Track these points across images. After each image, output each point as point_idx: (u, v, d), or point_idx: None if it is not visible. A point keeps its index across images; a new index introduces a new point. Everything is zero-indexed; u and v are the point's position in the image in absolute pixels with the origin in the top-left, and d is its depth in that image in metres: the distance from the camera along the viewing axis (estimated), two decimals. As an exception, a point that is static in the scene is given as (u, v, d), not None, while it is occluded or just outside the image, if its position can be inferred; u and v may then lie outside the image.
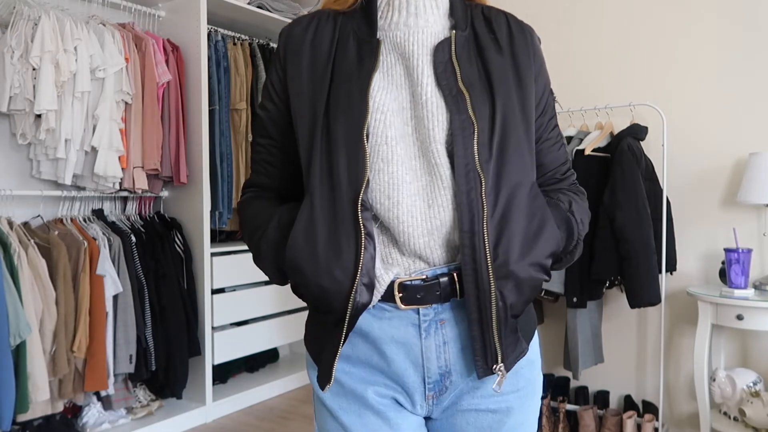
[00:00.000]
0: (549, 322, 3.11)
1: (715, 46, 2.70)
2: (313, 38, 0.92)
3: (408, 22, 0.92)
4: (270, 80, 0.97)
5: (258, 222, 0.94)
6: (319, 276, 0.83)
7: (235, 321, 3.29)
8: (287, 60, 0.93)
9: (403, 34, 0.91)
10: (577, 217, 0.96)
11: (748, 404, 2.35)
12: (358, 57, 0.89)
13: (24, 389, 2.31)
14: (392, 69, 0.90)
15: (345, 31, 0.92)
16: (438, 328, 0.88)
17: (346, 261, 0.82)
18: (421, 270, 0.87)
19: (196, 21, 3.06)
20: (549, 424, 2.80)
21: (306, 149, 0.88)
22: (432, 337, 0.88)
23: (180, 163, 2.99)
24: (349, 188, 0.83)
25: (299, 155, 0.91)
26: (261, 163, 1.00)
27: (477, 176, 0.84)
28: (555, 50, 3.12)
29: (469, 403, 0.91)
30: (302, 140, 0.89)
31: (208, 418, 3.11)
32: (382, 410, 0.89)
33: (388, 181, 0.85)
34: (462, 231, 0.83)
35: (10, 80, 2.48)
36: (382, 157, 0.85)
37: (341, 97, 0.86)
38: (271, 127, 0.97)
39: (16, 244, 2.40)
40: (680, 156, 2.74)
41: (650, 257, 2.43)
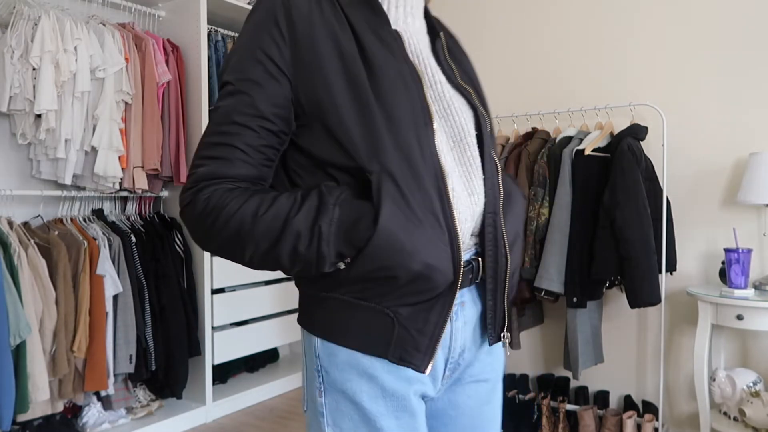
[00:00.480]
0: (549, 322, 3.11)
1: (715, 46, 2.70)
2: (321, 13, 0.87)
3: (407, 21, 0.95)
4: (265, 52, 0.84)
5: (289, 209, 0.81)
6: (427, 255, 0.81)
7: (235, 321, 3.29)
8: (297, 31, 0.85)
9: (404, 32, 0.94)
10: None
11: (748, 404, 2.35)
12: (386, 46, 0.88)
13: (24, 389, 2.31)
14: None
15: (355, 17, 0.89)
16: (460, 310, 0.91)
17: (446, 240, 0.83)
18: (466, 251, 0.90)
19: (196, 21, 3.06)
20: (549, 424, 2.80)
21: (357, 126, 0.83)
22: (458, 319, 0.91)
23: (180, 163, 2.99)
24: (431, 175, 0.84)
25: (293, 140, 0.88)
26: (243, 149, 0.84)
27: (495, 164, 0.94)
28: (555, 50, 3.12)
29: (470, 374, 0.95)
30: (340, 116, 0.83)
31: (208, 418, 3.11)
32: (417, 410, 0.87)
33: (450, 173, 0.88)
34: (487, 213, 0.90)
35: (10, 80, 2.48)
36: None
37: (394, 85, 0.85)
38: (267, 105, 0.84)
39: (16, 244, 2.40)
40: (680, 156, 2.74)
41: (650, 257, 2.43)
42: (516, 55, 3.25)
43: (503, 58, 3.29)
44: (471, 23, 3.40)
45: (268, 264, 0.83)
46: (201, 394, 3.09)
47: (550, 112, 2.98)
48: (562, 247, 2.55)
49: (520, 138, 2.93)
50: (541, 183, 2.66)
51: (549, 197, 2.64)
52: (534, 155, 2.74)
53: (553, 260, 2.55)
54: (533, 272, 2.61)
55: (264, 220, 0.80)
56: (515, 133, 3.01)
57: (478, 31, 3.38)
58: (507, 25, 3.28)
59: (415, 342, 0.83)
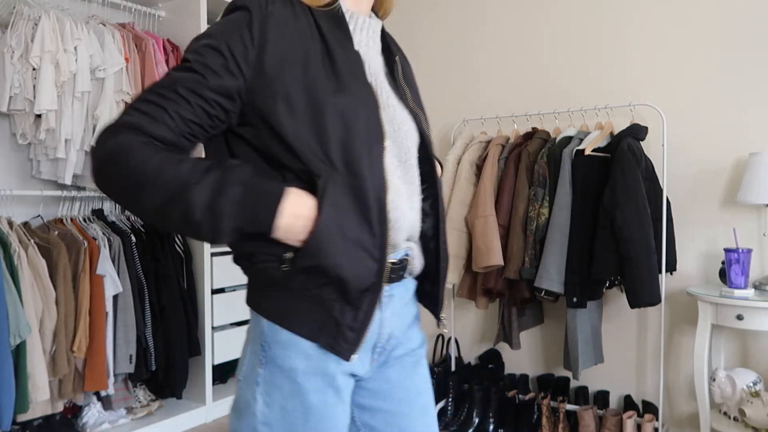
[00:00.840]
0: (549, 322, 3.11)
1: (715, 46, 2.70)
2: (296, 21, 0.94)
3: (368, 44, 1.04)
4: (230, 48, 0.90)
5: (189, 175, 0.86)
6: (349, 262, 0.91)
7: (235, 321, 3.29)
8: (267, 39, 0.91)
9: (364, 55, 1.01)
10: None
11: (748, 404, 2.35)
12: (350, 65, 0.96)
13: (24, 389, 2.31)
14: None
15: (327, 31, 0.96)
16: (389, 302, 1.03)
17: (376, 245, 0.94)
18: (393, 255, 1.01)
19: (196, 21, 3.06)
20: (549, 424, 2.80)
21: (311, 133, 0.90)
22: (387, 310, 1.02)
23: (180, 163, 2.99)
24: (374, 186, 0.93)
25: (233, 130, 0.95)
26: (172, 116, 0.88)
27: (439, 182, 1.09)
28: (555, 50, 3.12)
29: (397, 353, 1.08)
30: (295, 122, 0.90)
31: (208, 418, 3.11)
32: (342, 387, 0.98)
33: (393, 188, 0.98)
34: (437, 220, 1.08)
35: (10, 80, 2.48)
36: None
37: (355, 101, 0.94)
38: (212, 91, 0.89)
39: (16, 244, 2.40)
40: (680, 156, 2.74)
41: (650, 257, 2.43)
42: (516, 55, 3.25)
43: (503, 58, 3.29)
44: (471, 23, 3.40)
45: (159, 220, 0.89)
46: (201, 394, 3.09)
47: (550, 112, 2.98)
48: (562, 247, 2.55)
49: (520, 138, 2.93)
50: (541, 183, 2.66)
51: (549, 197, 2.64)
52: (534, 155, 2.74)
53: (553, 260, 2.55)
54: (533, 272, 2.61)
55: (164, 176, 0.85)
56: (515, 133, 3.01)
57: (478, 31, 3.38)
58: (507, 24, 3.28)
59: (344, 335, 0.94)
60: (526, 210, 2.69)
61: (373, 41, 1.05)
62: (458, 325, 3.42)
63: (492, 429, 2.89)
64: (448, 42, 3.49)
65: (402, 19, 3.67)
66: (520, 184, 2.72)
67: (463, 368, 3.30)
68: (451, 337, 3.30)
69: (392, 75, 1.07)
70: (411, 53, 3.60)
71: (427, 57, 3.57)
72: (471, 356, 3.43)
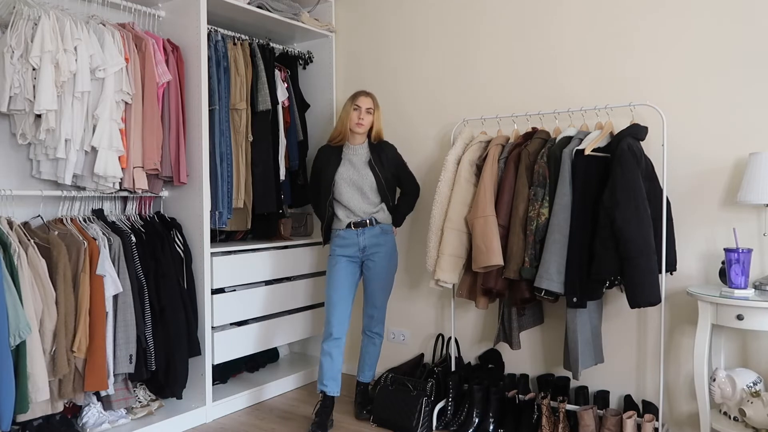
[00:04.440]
0: (549, 322, 3.11)
1: (715, 45, 2.70)
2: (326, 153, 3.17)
3: (354, 152, 3.10)
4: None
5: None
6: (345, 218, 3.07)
7: (235, 321, 3.29)
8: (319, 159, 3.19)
9: (352, 157, 3.09)
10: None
11: (748, 404, 2.35)
12: (337, 160, 3.08)
13: (24, 389, 2.31)
14: (348, 167, 3.07)
15: (337, 153, 3.11)
16: (362, 234, 3.04)
17: (349, 215, 3.08)
18: (360, 218, 3.05)
19: (196, 21, 3.06)
20: (549, 424, 2.80)
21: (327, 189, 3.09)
22: (361, 236, 3.04)
23: (180, 163, 2.99)
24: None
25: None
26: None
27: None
28: (555, 50, 3.12)
29: (374, 248, 3.05)
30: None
31: (208, 418, 3.11)
32: (340, 259, 3.05)
33: (348, 197, 3.05)
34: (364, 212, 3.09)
35: (10, 80, 2.48)
36: (340, 190, 3.06)
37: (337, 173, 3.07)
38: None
39: (16, 244, 2.40)
40: (680, 156, 2.74)
41: (650, 257, 2.43)
42: (516, 55, 3.25)
43: (503, 58, 3.29)
44: (471, 23, 3.40)
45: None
46: (201, 394, 3.09)
47: (550, 112, 2.98)
48: (562, 247, 2.55)
49: (520, 138, 2.93)
50: (541, 183, 2.66)
51: (549, 197, 2.64)
52: (534, 155, 2.74)
53: (553, 260, 2.55)
54: (533, 272, 2.61)
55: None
56: (515, 133, 3.01)
57: (479, 31, 3.38)
58: (507, 24, 3.28)
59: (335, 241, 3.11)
60: (526, 210, 2.69)
61: (360, 151, 3.08)
62: (458, 325, 3.42)
63: (492, 429, 2.89)
64: (449, 42, 3.49)
65: (402, 19, 3.67)
66: (520, 184, 2.72)
67: (463, 368, 3.30)
68: (451, 337, 3.30)
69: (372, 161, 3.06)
70: (411, 53, 3.61)
71: (428, 57, 3.57)
72: (471, 356, 3.43)
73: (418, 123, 3.60)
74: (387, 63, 3.73)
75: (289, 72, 3.76)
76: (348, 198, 3.01)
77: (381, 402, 3.05)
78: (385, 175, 3.04)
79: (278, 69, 3.62)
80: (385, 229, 3.08)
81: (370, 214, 3.03)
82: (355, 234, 3.02)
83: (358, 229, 3.02)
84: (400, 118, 3.66)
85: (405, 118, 3.65)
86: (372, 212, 3.03)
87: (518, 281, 2.69)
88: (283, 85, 3.61)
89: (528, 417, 2.85)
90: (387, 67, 3.73)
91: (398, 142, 3.24)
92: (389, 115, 3.67)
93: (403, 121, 3.65)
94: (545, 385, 3.06)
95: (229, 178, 3.24)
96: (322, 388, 2.99)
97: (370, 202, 3.03)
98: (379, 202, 3.05)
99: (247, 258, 3.36)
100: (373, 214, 3.04)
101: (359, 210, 3.02)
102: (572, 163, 2.60)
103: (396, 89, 3.69)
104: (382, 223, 3.06)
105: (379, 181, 3.02)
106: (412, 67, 3.63)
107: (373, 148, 3.08)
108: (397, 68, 3.69)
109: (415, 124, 3.61)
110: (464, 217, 2.86)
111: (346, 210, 3.03)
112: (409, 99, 3.64)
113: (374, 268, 3.05)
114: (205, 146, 3.06)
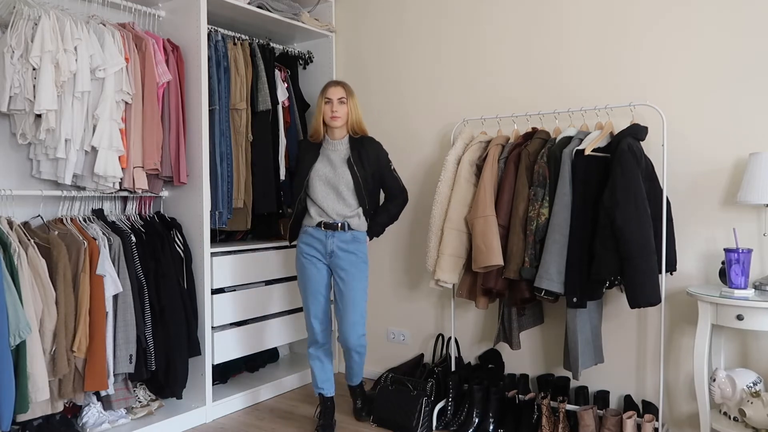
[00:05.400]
0: (549, 322, 3.11)
1: (715, 45, 2.70)
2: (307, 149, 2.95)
3: (333, 148, 2.87)
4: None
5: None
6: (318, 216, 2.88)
7: (235, 321, 3.29)
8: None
9: (330, 153, 2.87)
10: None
11: (748, 404, 2.35)
12: (314, 156, 2.89)
13: (24, 389, 2.31)
14: (325, 163, 2.86)
15: (316, 148, 2.90)
16: (330, 236, 2.82)
17: (321, 213, 2.87)
18: (332, 220, 2.83)
19: (196, 21, 3.06)
20: (549, 424, 2.80)
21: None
22: (330, 239, 2.82)
23: (180, 163, 2.99)
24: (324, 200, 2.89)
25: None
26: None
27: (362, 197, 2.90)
28: (555, 50, 3.12)
29: (342, 256, 2.83)
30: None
31: (208, 418, 3.11)
32: (305, 261, 2.89)
33: (322, 196, 2.85)
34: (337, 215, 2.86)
35: (10, 80, 2.48)
36: (314, 188, 2.86)
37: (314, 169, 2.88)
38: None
39: (16, 244, 2.40)
40: (680, 156, 2.74)
41: (650, 257, 2.43)
42: (516, 55, 3.25)
43: (504, 58, 3.29)
44: (471, 23, 3.40)
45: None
46: (201, 394, 3.09)
47: (550, 112, 2.98)
48: (562, 247, 2.55)
49: (520, 138, 2.93)
50: (541, 183, 2.66)
51: (549, 197, 2.64)
52: (534, 155, 2.74)
53: (553, 260, 2.55)
54: (533, 272, 2.61)
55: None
56: (515, 133, 3.01)
57: (479, 31, 3.38)
58: (507, 24, 3.28)
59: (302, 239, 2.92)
60: (526, 210, 2.69)
61: (339, 147, 2.86)
62: (458, 325, 3.42)
63: (492, 429, 2.89)
64: (449, 42, 3.48)
65: (402, 19, 3.67)
66: (520, 184, 2.72)
67: (463, 368, 3.30)
68: (451, 337, 3.30)
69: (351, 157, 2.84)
70: (411, 53, 3.61)
71: (428, 57, 3.57)
72: (471, 356, 3.43)
73: (418, 123, 3.60)
74: (387, 63, 3.73)
75: (289, 72, 3.76)
76: (322, 197, 2.81)
77: (381, 402, 3.05)
78: (363, 174, 2.80)
79: (278, 69, 3.62)
80: (356, 237, 2.85)
81: (344, 217, 2.81)
82: (324, 235, 2.81)
83: (328, 231, 2.81)
84: (401, 118, 3.66)
85: (405, 118, 3.65)
86: (346, 215, 2.81)
87: (518, 281, 2.69)
88: (283, 85, 3.61)
89: (528, 417, 2.85)
90: (387, 67, 3.73)
91: (398, 142, 3.24)
92: (389, 115, 3.68)
93: (403, 121, 3.65)
94: (545, 385, 3.06)
95: (229, 178, 3.24)
96: (319, 391, 2.97)
97: (345, 204, 2.81)
98: (357, 206, 2.83)
99: (247, 258, 3.36)
100: (348, 218, 2.81)
101: (332, 211, 2.80)
102: (572, 163, 2.60)
103: (396, 89, 3.69)
104: (354, 230, 2.83)
105: (357, 181, 2.79)
106: (412, 67, 3.63)
107: (354, 143, 2.85)
108: (397, 68, 3.69)
109: (415, 124, 3.61)
110: (464, 217, 2.86)
111: (318, 209, 2.83)
112: (410, 99, 3.64)
113: (342, 281, 2.83)
114: (205, 146, 3.06)
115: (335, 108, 2.80)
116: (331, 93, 2.82)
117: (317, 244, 2.84)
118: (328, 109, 2.81)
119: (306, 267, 2.87)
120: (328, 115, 2.81)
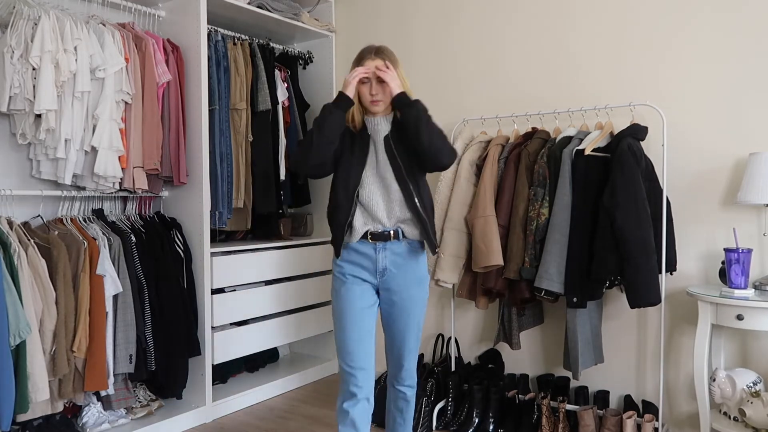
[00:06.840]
0: (549, 322, 3.11)
1: (715, 45, 2.70)
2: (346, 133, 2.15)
3: (377, 129, 2.13)
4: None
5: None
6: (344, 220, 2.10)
7: (235, 321, 3.29)
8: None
9: (373, 133, 2.14)
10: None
11: (748, 404, 2.35)
12: (363, 144, 2.14)
13: (24, 389, 2.31)
14: (373, 154, 2.13)
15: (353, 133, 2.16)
16: (382, 250, 2.10)
17: (369, 220, 2.11)
18: (383, 228, 2.10)
19: (196, 21, 3.06)
20: (549, 424, 2.80)
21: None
22: (380, 253, 2.10)
23: (180, 163, 2.99)
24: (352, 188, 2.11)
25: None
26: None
27: (411, 193, 2.09)
28: (555, 50, 3.12)
29: (397, 272, 2.12)
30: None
31: (208, 418, 3.11)
32: (348, 282, 2.12)
33: (369, 192, 2.09)
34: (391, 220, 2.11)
35: (10, 80, 2.48)
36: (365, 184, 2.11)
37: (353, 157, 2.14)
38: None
39: (16, 244, 2.40)
40: (680, 156, 2.74)
41: (650, 257, 2.43)
42: (516, 55, 3.25)
43: (503, 58, 3.29)
44: (471, 23, 3.40)
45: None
46: (201, 394, 3.09)
47: (550, 112, 2.98)
48: (562, 247, 2.55)
49: (520, 138, 2.93)
50: (541, 183, 2.66)
51: (549, 197, 2.64)
52: (534, 155, 2.74)
53: (553, 260, 2.55)
54: (533, 272, 2.61)
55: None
56: (515, 133, 3.01)
57: (479, 31, 3.38)
58: (507, 24, 3.28)
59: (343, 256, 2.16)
60: (526, 210, 2.69)
61: (380, 127, 2.14)
62: (458, 325, 3.42)
63: (492, 429, 2.89)
64: (448, 42, 3.48)
65: (402, 19, 3.67)
66: (520, 184, 2.72)
67: (463, 368, 3.30)
68: (451, 337, 3.30)
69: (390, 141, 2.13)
70: (411, 53, 3.61)
71: (427, 57, 3.57)
72: (471, 356, 3.43)
73: (418, 123, 3.59)
74: (387, 63, 3.73)
75: (289, 72, 3.76)
76: (368, 197, 2.08)
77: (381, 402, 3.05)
78: (404, 157, 2.06)
79: (278, 69, 3.62)
80: (414, 248, 2.12)
81: (397, 222, 2.08)
82: (373, 249, 2.08)
83: (378, 243, 2.08)
84: (400, 118, 3.66)
85: (405, 118, 3.64)
86: (400, 219, 2.08)
87: (518, 281, 2.69)
88: (283, 85, 3.61)
89: (528, 417, 2.85)
90: (387, 67, 3.73)
91: (398, 142, 3.24)
92: (389, 115, 3.67)
93: (403, 121, 3.65)
94: (545, 385, 3.06)
95: (229, 178, 3.24)
96: None
97: (398, 203, 2.07)
98: (408, 208, 2.08)
99: (247, 258, 3.36)
100: (400, 223, 2.08)
101: (382, 215, 2.07)
102: (572, 163, 2.60)
103: (396, 89, 3.68)
104: (410, 239, 2.10)
105: (398, 168, 2.06)
106: (412, 67, 3.63)
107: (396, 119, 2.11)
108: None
109: (415, 124, 3.60)
110: (464, 217, 2.86)
111: (365, 215, 2.08)
112: (409, 99, 3.63)
113: (398, 302, 2.12)
114: (205, 146, 3.06)
115: (374, 90, 2.07)
116: (369, 66, 2.06)
117: (364, 264, 2.12)
118: (366, 92, 2.07)
119: (349, 289, 2.11)
120: (368, 99, 2.07)
